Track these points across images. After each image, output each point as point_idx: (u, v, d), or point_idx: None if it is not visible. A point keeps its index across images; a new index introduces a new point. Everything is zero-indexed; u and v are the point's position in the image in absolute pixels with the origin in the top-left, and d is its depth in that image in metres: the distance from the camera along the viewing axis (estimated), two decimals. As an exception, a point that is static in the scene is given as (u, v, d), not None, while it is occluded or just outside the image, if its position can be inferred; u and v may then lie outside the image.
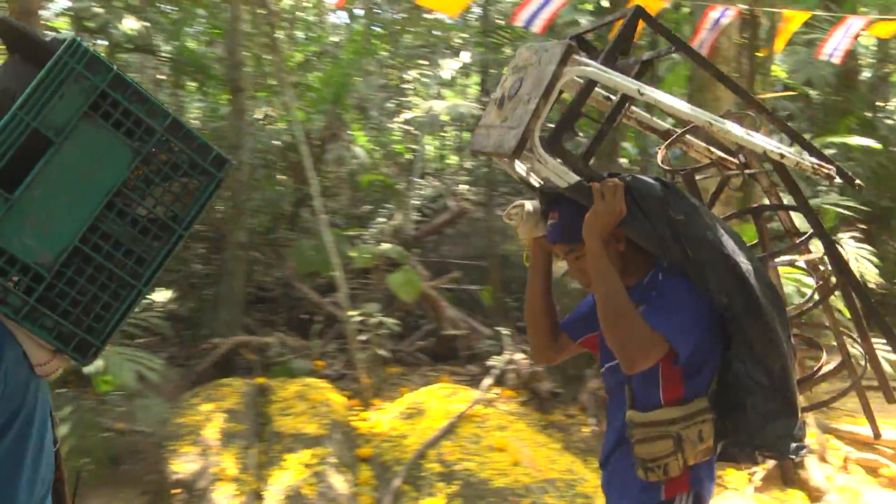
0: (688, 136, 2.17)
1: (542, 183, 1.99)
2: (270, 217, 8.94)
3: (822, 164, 1.99)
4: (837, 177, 2.05)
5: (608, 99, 2.14)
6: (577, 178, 1.85)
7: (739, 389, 1.87)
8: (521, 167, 2.05)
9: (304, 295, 7.57)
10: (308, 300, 7.57)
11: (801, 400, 1.97)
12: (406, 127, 11.12)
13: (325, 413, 5.39)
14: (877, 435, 2.39)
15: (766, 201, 2.63)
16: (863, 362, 2.22)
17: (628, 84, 1.88)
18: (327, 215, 6.82)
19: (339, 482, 4.65)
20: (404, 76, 11.86)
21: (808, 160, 1.97)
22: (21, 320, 1.17)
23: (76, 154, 1.22)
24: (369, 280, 7.77)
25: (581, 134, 2.21)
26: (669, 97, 2.00)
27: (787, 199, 2.36)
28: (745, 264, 1.78)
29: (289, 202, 9.23)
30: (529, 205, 2.01)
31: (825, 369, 2.17)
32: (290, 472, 4.67)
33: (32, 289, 1.18)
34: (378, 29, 11.53)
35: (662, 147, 2.24)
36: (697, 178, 2.26)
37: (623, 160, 8.55)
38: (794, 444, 1.93)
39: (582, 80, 1.91)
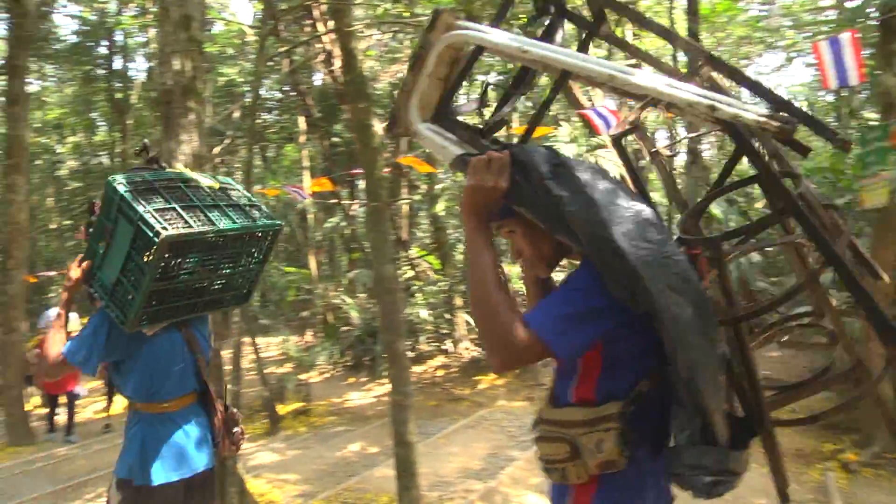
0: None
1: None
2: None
3: (779, 119, 1.50)
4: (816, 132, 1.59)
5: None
6: (459, 152, 1.71)
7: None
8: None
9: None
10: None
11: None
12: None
13: None
14: None
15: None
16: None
17: (510, 43, 1.68)
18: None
19: None
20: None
21: (755, 115, 1.50)
22: (106, 309, 2.71)
23: (119, 235, 2.59)
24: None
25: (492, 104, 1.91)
26: (566, 52, 1.71)
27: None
28: (641, 252, 1.45)
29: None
30: None
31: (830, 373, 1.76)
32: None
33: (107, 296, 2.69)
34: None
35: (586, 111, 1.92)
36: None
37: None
38: (707, 479, 1.57)
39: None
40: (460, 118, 1.81)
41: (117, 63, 20.22)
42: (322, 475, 6.47)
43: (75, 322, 6.13)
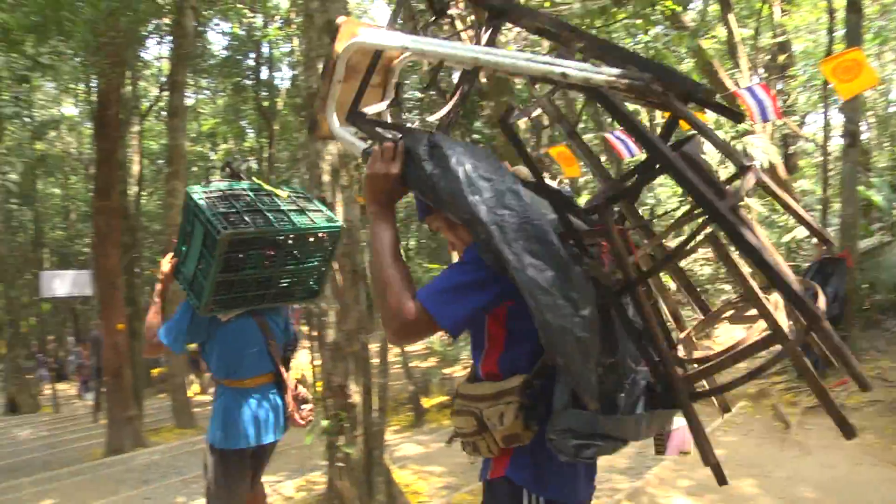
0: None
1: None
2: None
3: (629, 76, 1.55)
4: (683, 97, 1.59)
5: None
6: (364, 146, 1.89)
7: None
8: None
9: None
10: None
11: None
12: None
13: None
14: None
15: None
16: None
17: (394, 43, 1.83)
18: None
19: None
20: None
21: (605, 76, 1.55)
22: (187, 298, 3.24)
23: (195, 235, 3.03)
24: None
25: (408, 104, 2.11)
26: (439, 44, 1.80)
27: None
28: (496, 218, 1.52)
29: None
30: None
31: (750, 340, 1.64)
32: None
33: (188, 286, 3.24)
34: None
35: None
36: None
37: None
38: (573, 442, 1.56)
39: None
40: (397, 117, 2.14)
41: (264, 73, 21.41)
42: (465, 469, 6.53)
43: None
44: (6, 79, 5.50)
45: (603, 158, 13.57)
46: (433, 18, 2.09)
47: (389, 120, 2.16)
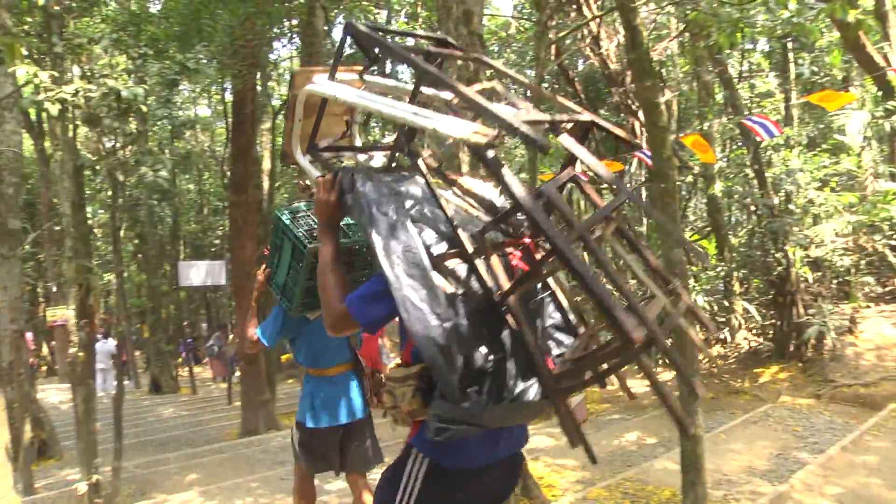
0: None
1: None
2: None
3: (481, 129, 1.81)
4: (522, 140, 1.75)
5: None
6: (317, 175, 2.32)
7: None
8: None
9: None
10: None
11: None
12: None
13: None
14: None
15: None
16: None
17: (330, 93, 2.25)
18: None
19: None
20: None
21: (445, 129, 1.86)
22: (280, 303, 3.61)
23: (284, 250, 3.36)
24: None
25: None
26: (355, 94, 2.18)
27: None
28: (393, 250, 1.93)
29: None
30: None
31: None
32: None
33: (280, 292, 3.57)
34: None
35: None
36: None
37: None
38: (437, 424, 1.87)
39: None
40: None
41: (386, 68, 21.80)
42: (600, 463, 6.39)
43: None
44: (158, 83, 5.86)
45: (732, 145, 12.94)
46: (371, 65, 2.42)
47: (359, 144, 2.63)
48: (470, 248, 1.96)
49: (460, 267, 1.99)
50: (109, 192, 15.74)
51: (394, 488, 2.14)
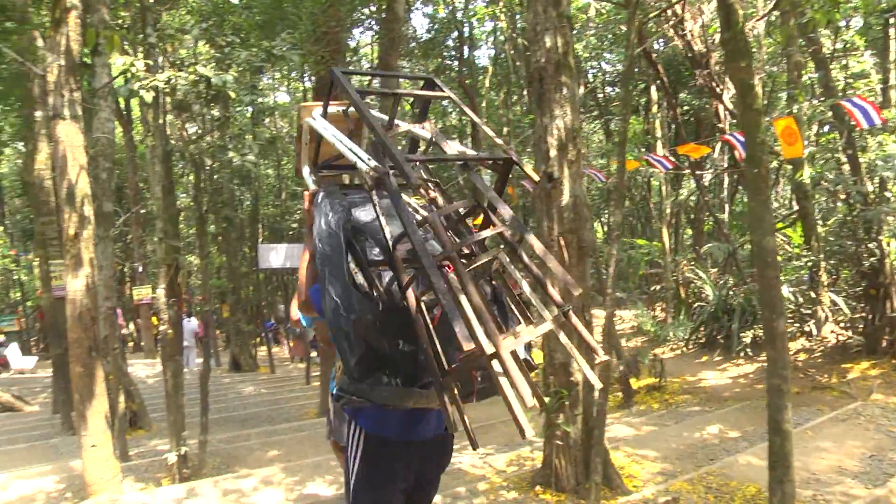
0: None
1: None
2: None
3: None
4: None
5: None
6: (314, 189, 2.86)
7: None
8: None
9: None
10: None
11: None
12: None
13: None
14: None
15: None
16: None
17: (315, 126, 2.86)
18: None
19: None
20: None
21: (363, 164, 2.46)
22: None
23: None
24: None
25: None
26: (330, 132, 2.77)
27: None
28: (321, 251, 2.45)
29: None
30: None
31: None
32: None
33: None
34: None
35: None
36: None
37: None
38: (338, 394, 2.40)
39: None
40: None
41: (464, 52, 21.70)
42: (681, 455, 6.28)
43: None
44: (245, 70, 6.02)
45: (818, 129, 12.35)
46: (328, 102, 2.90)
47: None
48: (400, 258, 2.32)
49: (387, 273, 2.46)
50: (192, 177, 16.30)
51: (347, 446, 2.75)
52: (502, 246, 2.45)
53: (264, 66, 6.18)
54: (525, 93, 22.51)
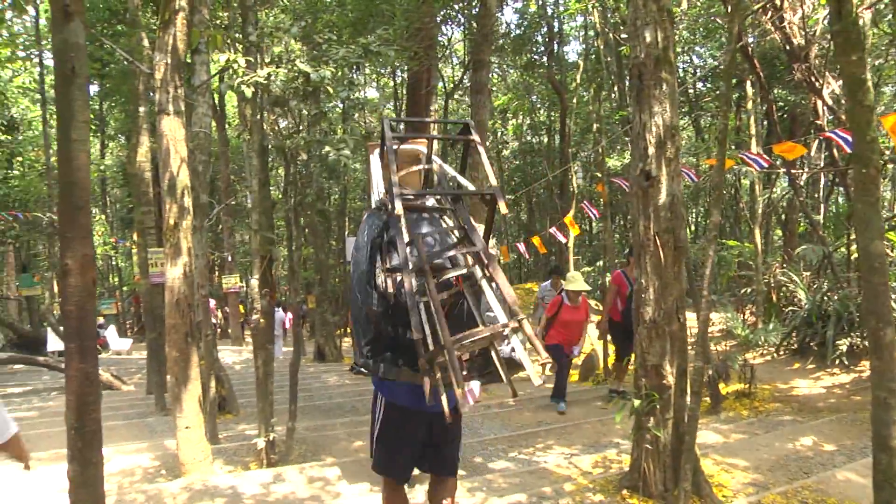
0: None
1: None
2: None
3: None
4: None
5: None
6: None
7: None
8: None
9: None
10: None
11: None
12: None
13: None
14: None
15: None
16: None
17: (373, 162, 3.95)
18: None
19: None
20: None
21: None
22: None
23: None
24: None
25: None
26: (373, 168, 3.92)
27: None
28: (356, 262, 3.32)
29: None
30: None
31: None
32: None
33: None
34: None
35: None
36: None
37: None
38: (353, 366, 3.39)
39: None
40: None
41: (552, 48, 21.48)
42: (773, 466, 6.03)
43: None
44: (342, 66, 6.14)
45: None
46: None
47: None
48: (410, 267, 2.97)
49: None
50: (281, 171, 16.72)
51: (373, 408, 3.66)
52: (474, 264, 3.18)
53: (361, 62, 6.27)
54: (615, 89, 22.12)
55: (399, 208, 2.95)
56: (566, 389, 9.18)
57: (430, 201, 3.58)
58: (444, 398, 2.74)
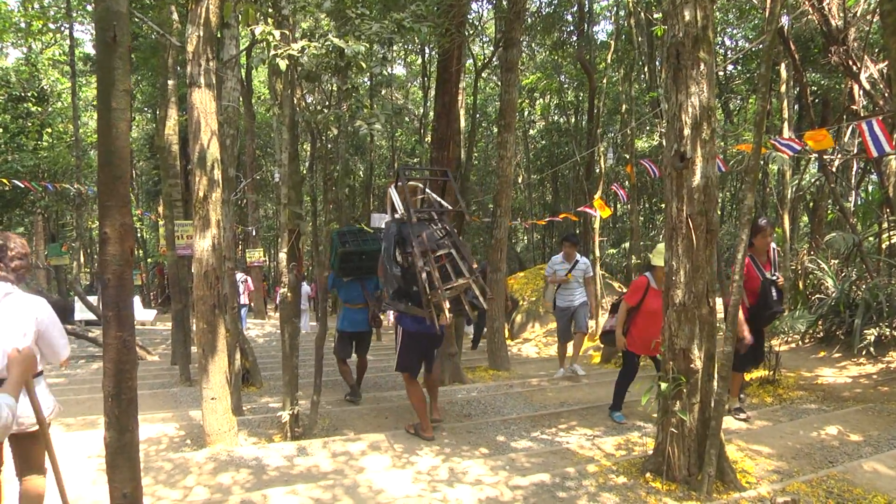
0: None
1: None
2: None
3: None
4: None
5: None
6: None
7: None
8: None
9: None
10: None
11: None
12: None
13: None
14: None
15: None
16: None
17: (392, 195, 7.57)
18: None
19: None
20: None
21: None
22: (334, 272, 9.12)
23: (334, 250, 8.80)
24: None
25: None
26: (395, 196, 7.46)
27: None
28: (386, 250, 6.67)
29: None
30: None
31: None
32: None
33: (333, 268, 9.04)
34: None
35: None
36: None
37: None
38: (383, 305, 7.68)
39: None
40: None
41: (582, 28, 21.20)
42: (797, 454, 5.98)
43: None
44: (376, 41, 6.11)
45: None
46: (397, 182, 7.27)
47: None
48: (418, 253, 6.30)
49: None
50: (307, 146, 16.74)
51: (395, 335, 7.03)
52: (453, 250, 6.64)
53: (394, 38, 6.23)
54: (645, 70, 21.81)
55: (414, 219, 6.66)
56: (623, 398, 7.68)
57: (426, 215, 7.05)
58: (436, 322, 6.25)
